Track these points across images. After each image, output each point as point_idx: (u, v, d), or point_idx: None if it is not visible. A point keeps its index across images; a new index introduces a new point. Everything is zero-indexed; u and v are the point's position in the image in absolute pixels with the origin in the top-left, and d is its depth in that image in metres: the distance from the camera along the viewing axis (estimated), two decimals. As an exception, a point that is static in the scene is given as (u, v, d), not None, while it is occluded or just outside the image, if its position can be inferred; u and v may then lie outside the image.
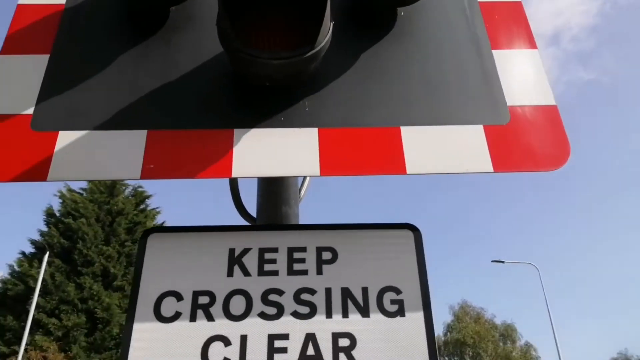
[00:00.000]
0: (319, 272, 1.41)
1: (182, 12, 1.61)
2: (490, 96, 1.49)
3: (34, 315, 19.78)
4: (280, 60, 1.31)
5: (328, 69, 1.51)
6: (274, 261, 1.42)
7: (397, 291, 1.37)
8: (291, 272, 1.41)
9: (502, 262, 24.41)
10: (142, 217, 25.87)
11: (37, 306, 20.46)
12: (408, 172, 1.36)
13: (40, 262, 22.37)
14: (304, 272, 1.40)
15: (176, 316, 1.34)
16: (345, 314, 1.34)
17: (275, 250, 1.44)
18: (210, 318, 1.33)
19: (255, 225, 1.59)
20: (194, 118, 1.43)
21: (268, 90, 1.46)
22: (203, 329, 1.32)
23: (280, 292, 1.37)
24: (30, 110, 1.43)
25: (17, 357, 17.83)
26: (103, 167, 1.34)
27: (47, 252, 20.87)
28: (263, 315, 1.34)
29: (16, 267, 23.25)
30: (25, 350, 18.88)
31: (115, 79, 1.49)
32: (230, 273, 1.40)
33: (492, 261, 24.54)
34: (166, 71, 1.51)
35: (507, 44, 1.61)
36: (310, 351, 1.30)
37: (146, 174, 1.34)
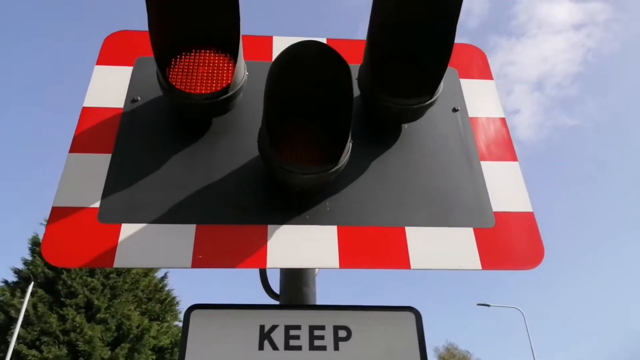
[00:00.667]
0: (336, 348, 1.67)
1: (223, 120, 1.92)
2: (478, 203, 1.81)
3: (14, 347, 19.36)
4: (310, 175, 1.62)
5: (345, 173, 1.82)
6: (297, 337, 1.69)
7: (401, 367, 1.64)
8: (312, 347, 1.67)
9: (488, 305, 24.60)
10: (128, 249, 25.70)
11: (18, 337, 20.05)
12: (412, 267, 1.65)
13: (23, 291, 22.06)
14: (324, 348, 1.67)
15: (216, 384, 1.59)
16: (358, 386, 1.61)
17: (298, 327, 1.70)
18: (244, 387, 1.59)
19: (281, 305, 1.85)
20: (234, 215, 1.72)
21: (296, 193, 1.76)
22: (238, 396, 1.58)
23: (303, 366, 1.64)
24: (97, 204, 1.71)
25: (-7, 391, 17.39)
26: (160, 257, 1.62)
27: (32, 283, 20.61)
28: (289, 386, 1.60)
29: (-2, 296, 22.87)
30: (2, 383, 18.40)
31: (167, 178, 1.78)
32: (261, 347, 1.66)
33: (478, 304, 24.71)
34: (210, 172, 1.81)
35: (492, 155, 1.94)
36: (329, 418, 1.55)
37: (196, 264, 1.61)
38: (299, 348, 1.67)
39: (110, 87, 2.00)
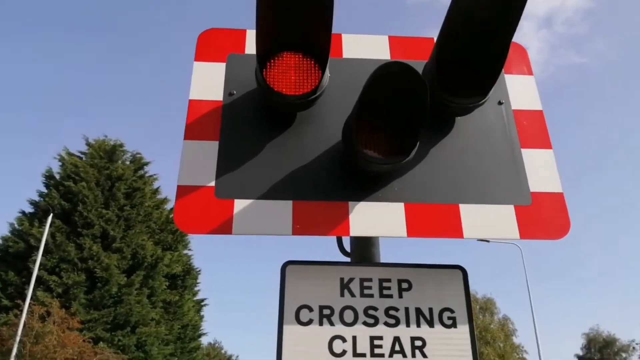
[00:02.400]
0: (400, 296, 2.16)
1: (307, 112, 2.29)
2: (519, 184, 2.23)
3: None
4: (387, 165, 2.04)
5: (409, 161, 2.22)
6: (370, 287, 2.17)
7: (452, 311, 2.14)
8: (382, 295, 2.15)
9: (488, 241, 25.65)
10: (140, 183, 26.48)
11: (39, 264, 21.14)
12: (464, 237, 2.10)
13: (41, 221, 22.99)
14: (390, 296, 2.15)
15: (310, 322, 2.08)
16: (418, 325, 2.10)
17: (370, 280, 2.18)
18: (331, 324, 2.08)
19: (355, 262, 2.31)
20: (321, 193, 2.15)
21: (372, 176, 2.18)
22: (327, 330, 2.07)
23: (375, 309, 2.12)
24: (213, 184, 2.13)
25: (21, 311, 18.67)
26: (268, 226, 2.06)
27: (51, 214, 21.43)
28: (365, 324, 2.09)
29: (17, 226, 23.87)
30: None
31: (266, 162, 2.19)
32: (342, 294, 2.14)
33: (478, 240, 25.70)
34: (299, 157, 2.21)
35: (531, 144, 2.33)
36: (397, 348, 2.06)
37: (295, 232, 2.06)
38: (371, 296, 2.15)
39: (209, 82, 2.36)
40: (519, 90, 2.47)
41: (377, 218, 2.12)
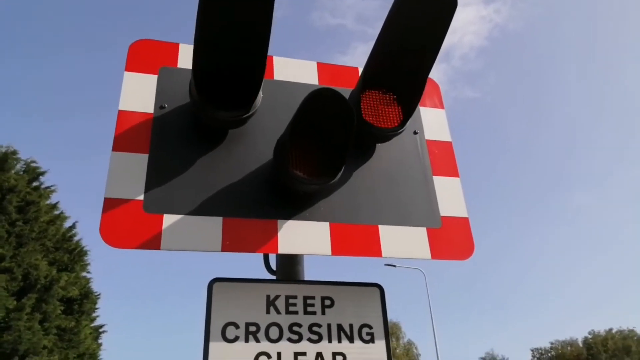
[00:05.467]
0: (323, 313, 2.26)
1: (239, 132, 2.36)
2: (430, 208, 2.45)
3: None
4: (314, 185, 2.16)
5: (335, 182, 2.36)
6: (295, 305, 2.25)
7: (370, 327, 2.27)
8: (306, 312, 2.24)
9: (394, 266, 26.75)
10: (35, 196, 24.43)
11: None
12: (383, 256, 2.26)
13: None
14: (314, 313, 2.25)
15: (236, 339, 2.11)
16: (339, 340, 2.21)
17: (295, 297, 2.26)
18: (257, 340, 2.13)
19: (281, 279, 2.38)
20: (251, 210, 2.21)
21: (299, 195, 2.28)
22: (253, 347, 2.12)
23: (299, 325, 2.20)
24: (141, 197, 2.12)
25: None
26: (197, 242, 2.08)
27: None
28: (290, 340, 2.16)
29: None
30: None
31: (196, 177, 2.22)
32: (268, 311, 2.20)
33: (385, 265, 26.75)
34: (229, 173, 2.27)
35: (441, 171, 2.58)
36: (319, 363, 2.15)
37: (224, 248, 2.10)
38: (296, 312, 2.23)
39: (140, 93, 2.35)
40: (432, 122, 2.73)
41: (304, 236, 2.22)
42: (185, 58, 2.50)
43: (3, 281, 20.87)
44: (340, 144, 2.17)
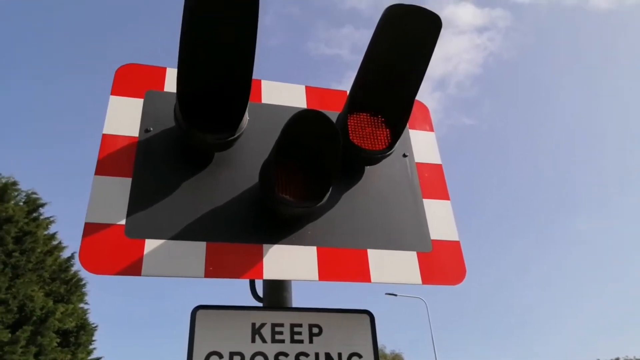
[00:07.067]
0: (311, 341, 2.18)
1: (224, 155, 2.33)
2: (421, 232, 2.39)
3: None
4: (301, 209, 2.11)
5: (322, 205, 2.31)
6: (281, 333, 2.17)
7: (359, 356, 2.19)
8: (293, 340, 2.16)
9: (395, 295, 26.35)
10: (33, 226, 24.32)
11: None
12: (372, 281, 2.19)
13: None
14: (301, 341, 2.17)
15: (218, 369, 2.03)
16: (327, 370, 2.13)
17: (282, 325, 2.19)
18: (241, 371, 2.05)
19: (268, 306, 2.31)
20: (236, 235, 2.16)
21: (285, 219, 2.23)
22: (236, 378, 2.03)
23: (286, 355, 2.12)
24: (123, 222, 2.07)
25: None
26: (179, 268, 2.02)
27: None
28: (275, 370, 2.08)
29: None
30: None
31: (180, 201, 2.18)
32: (253, 340, 2.12)
33: (386, 294, 26.36)
34: (214, 198, 2.22)
35: (432, 194, 2.53)
36: (305, 393, 2.06)
37: (208, 274, 2.03)
38: (282, 341, 2.15)
39: (125, 117, 2.33)
40: (422, 144, 2.70)
41: (290, 261, 2.16)
42: (172, 81, 2.49)
43: (-2, 313, 20.55)
44: (326, 166, 2.14)
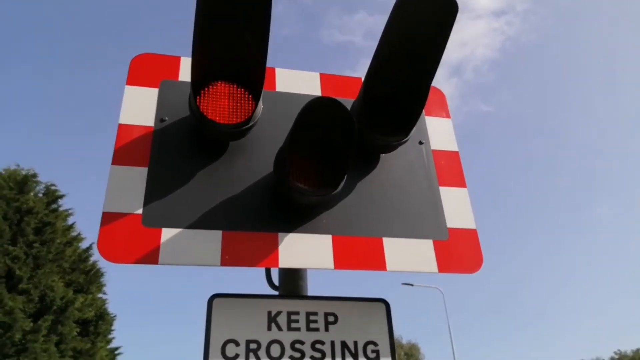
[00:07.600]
0: (327, 329, 2.18)
1: (239, 144, 2.33)
2: (437, 220, 2.37)
3: None
4: (316, 197, 2.10)
5: (337, 193, 2.30)
6: (297, 321, 2.17)
7: (375, 344, 2.18)
8: (309, 329, 2.16)
9: (412, 284, 26.30)
10: (52, 217, 24.74)
11: None
12: (388, 270, 2.18)
13: None
14: (317, 329, 2.17)
15: (236, 357, 2.04)
16: (343, 358, 2.12)
17: (297, 313, 2.19)
18: (258, 358, 2.05)
19: (283, 295, 2.31)
20: (251, 223, 2.16)
21: (301, 208, 2.22)
22: (253, 365, 2.04)
23: (302, 342, 2.12)
24: (140, 211, 2.08)
25: None
26: (195, 256, 2.03)
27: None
28: (292, 358, 2.08)
29: None
30: None
31: (196, 190, 2.18)
32: (269, 328, 2.13)
33: (403, 284, 26.33)
34: (230, 186, 2.23)
35: (448, 182, 2.50)
36: (322, 381, 2.07)
37: (224, 263, 2.04)
38: (298, 329, 2.16)
39: (140, 107, 2.33)
40: (438, 131, 2.66)
41: (305, 250, 2.15)
42: (186, 71, 2.49)
43: (20, 303, 21.02)
44: (341, 153, 2.12)
